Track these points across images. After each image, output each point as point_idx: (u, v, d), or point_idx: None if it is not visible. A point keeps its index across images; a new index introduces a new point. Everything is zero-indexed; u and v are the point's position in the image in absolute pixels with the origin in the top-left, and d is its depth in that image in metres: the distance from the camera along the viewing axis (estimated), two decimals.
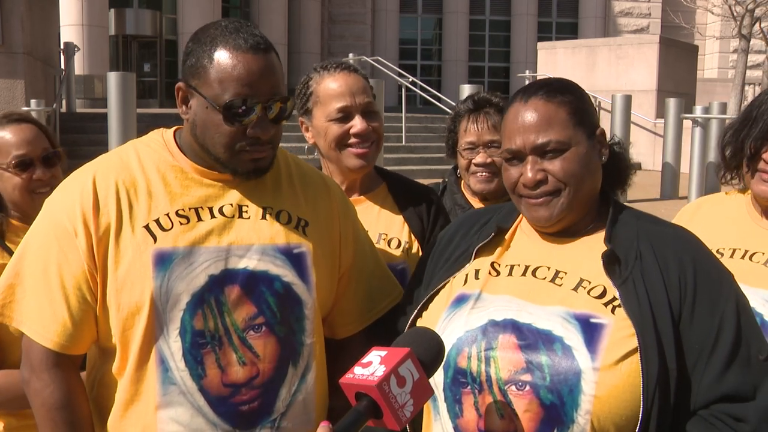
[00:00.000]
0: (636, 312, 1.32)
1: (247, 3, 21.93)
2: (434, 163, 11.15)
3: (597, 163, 1.47)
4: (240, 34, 1.43)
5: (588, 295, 1.37)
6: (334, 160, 1.95)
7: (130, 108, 8.47)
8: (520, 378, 1.32)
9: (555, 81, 1.50)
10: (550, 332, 1.34)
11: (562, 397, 1.29)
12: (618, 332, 1.31)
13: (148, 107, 16.80)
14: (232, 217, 1.50)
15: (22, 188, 2.04)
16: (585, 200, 1.46)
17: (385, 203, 2.00)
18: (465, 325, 1.41)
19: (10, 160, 2.04)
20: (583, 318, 1.34)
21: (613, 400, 1.28)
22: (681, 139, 11.10)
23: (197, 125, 1.47)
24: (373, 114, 1.93)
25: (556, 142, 1.41)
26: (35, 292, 1.47)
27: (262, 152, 1.48)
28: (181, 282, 1.43)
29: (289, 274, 1.50)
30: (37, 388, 1.47)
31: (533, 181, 1.42)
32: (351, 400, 1.17)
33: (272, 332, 1.48)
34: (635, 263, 1.38)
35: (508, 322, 1.38)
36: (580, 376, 1.29)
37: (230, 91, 1.41)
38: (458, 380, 1.37)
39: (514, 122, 1.45)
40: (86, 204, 1.45)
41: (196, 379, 1.44)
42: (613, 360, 1.29)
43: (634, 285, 1.35)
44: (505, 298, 1.42)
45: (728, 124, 1.95)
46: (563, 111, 1.43)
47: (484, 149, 2.30)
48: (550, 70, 14.79)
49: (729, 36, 20.55)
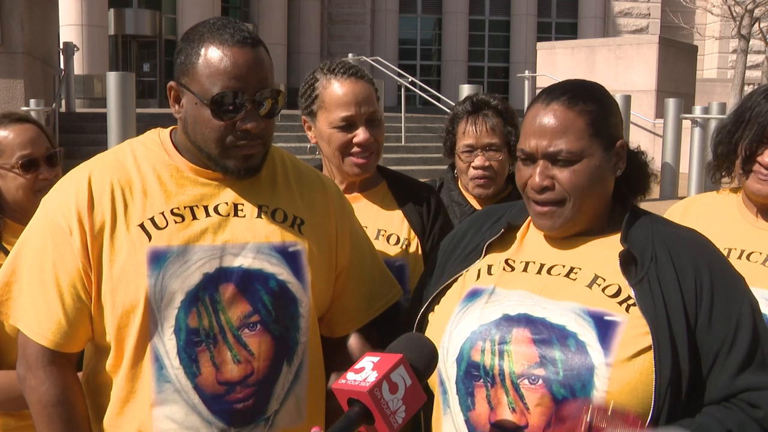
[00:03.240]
0: (651, 311, 1.33)
1: (246, 3, 21.93)
2: (434, 163, 11.14)
3: (609, 175, 1.46)
4: (227, 30, 1.45)
5: (603, 293, 1.38)
6: (335, 164, 1.96)
7: (130, 108, 8.48)
8: (533, 372, 1.33)
9: (581, 86, 1.48)
10: (564, 327, 1.35)
11: (574, 392, 1.30)
12: (632, 330, 1.32)
13: (147, 107, 16.79)
14: (228, 216, 1.50)
15: (27, 188, 2.04)
16: (591, 211, 1.46)
17: (384, 200, 2.01)
18: (479, 318, 1.42)
19: (15, 161, 2.03)
20: (597, 315, 1.35)
21: (624, 396, 1.28)
22: (680, 139, 11.10)
23: (188, 122, 1.48)
24: (377, 122, 1.94)
25: (567, 152, 1.41)
26: (31, 290, 1.47)
27: (252, 147, 1.48)
28: (175, 280, 1.43)
29: (284, 273, 1.51)
30: (33, 385, 1.48)
31: (539, 186, 1.43)
32: (343, 406, 1.17)
33: (267, 330, 1.48)
34: (651, 264, 1.38)
35: (522, 316, 1.39)
36: (593, 372, 1.29)
37: (218, 85, 1.42)
38: (471, 373, 1.38)
39: (531, 123, 1.45)
40: (81, 202, 1.45)
41: (191, 377, 1.44)
42: (627, 356, 1.30)
43: (650, 285, 1.36)
44: (520, 293, 1.43)
45: (720, 124, 1.94)
46: (582, 120, 1.42)
47: (482, 152, 2.30)
48: (549, 70, 14.78)
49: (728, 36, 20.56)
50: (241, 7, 21.95)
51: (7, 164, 2.04)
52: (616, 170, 1.46)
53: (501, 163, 2.32)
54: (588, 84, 1.51)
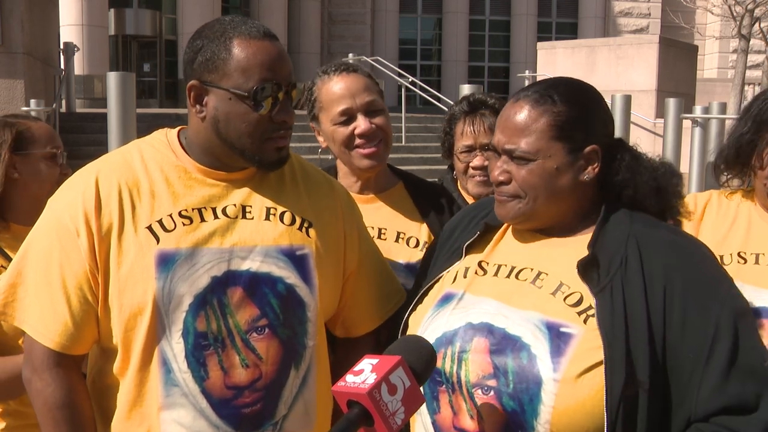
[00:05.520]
0: (608, 323, 1.27)
1: (246, 3, 21.92)
2: (434, 163, 11.13)
3: (571, 180, 1.40)
4: (248, 24, 1.46)
5: (564, 303, 1.34)
6: (346, 162, 1.95)
7: (130, 108, 8.42)
8: (486, 383, 1.32)
9: (561, 85, 1.44)
10: (520, 338, 1.32)
11: (522, 405, 1.29)
12: (586, 343, 1.28)
13: (147, 107, 16.79)
14: (236, 218, 1.50)
15: (53, 180, 2.04)
16: (552, 211, 1.42)
17: (402, 202, 1.99)
18: (445, 325, 1.42)
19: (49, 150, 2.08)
20: (554, 326, 1.32)
21: (572, 413, 1.25)
22: (681, 139, 11.07)
23: (220, 120, 1.46)
24: (377, 111, 1.92)
25: (522, 151, 1.39)
26: (37, 292, 1.46)
27: (285, 139, 1.50)
28: (183, 283, 1.42)
29: (292, 276, 1.50)
30: (38, 387, 1.47)
31: (495, 180, 1.44)
32: (343, 408, 1.17)
33: (275, 334, 1.47)
34: (618, 270, 1.32)
35: (484, 325, 1.38)
36: (541, 387, 1.27)
37: (255, 78, 1.43)
38: (435, 379, 1.38)
39: (500, 117, 1.45)
40: (88, 204, 1.44)
41: (199, 381, 1.43)
42: (576, 373, 1.26)
43: (611, 294, 1.30)
44: (486, 301, 1.41)
45: (734, 126, 1.90)
46: (544, 121, 1.39)
47: (481, 152, 2.29)
48: (549, 70, 14.77)
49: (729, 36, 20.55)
50: (241, 7, 21.93)
51: (39, 152, 2.06)
52: (585, 175, 1.41)
53: None
54: (572, 83, 1.46)
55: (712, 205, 1.91)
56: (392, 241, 1.90)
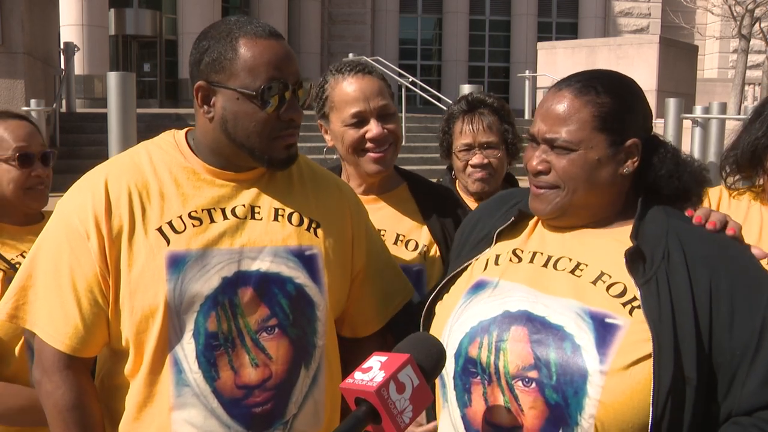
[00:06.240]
0: (655, 315, 1.25)
1: (246, 3, 21.92)
2: (434, 163, 11.13)
3: (611, 173, 1.39)
4: (254, 24, 1.47)
5: (606, 293, 1.31)
6: (352, 164, 1.93)
7: (130, 108, 8.44)
8: (526, 374, 1.29)
9: (603, 77, 1.42)
10: (562, 328, 1.29)
11: (566, 399, 1.26)
12: (633, 335, 1.25)
13: (148, 107, 16.78)
14: (245, 219, 1.50)
15: (19, 183, 1.99)
16: (589, 203, 1.40)
17: (405, 204, 1.97)
18: (480, 313, 1.39)
19: (11, 153, 1.99)
20: (598, 317, 1.29)
21: (618, 406, 1.23)
22: (681, 139, 11.08)
23: (228, 120, 1.47)
24: (389, 116, 1.90)
25: (564, 140, 1.37)
26: (47, 295, 1.47)
27: (293, 137, 1.50)
28: (195, 284, 1.43)
29: (301, 276, 1.50)
30: (48, 389, 1.47)
31: (534, 169, 1.41)
32: (351, 405, 1.17)
33: (285, 334, 1.48)
34: (661, 263, 1.30)
35: (522, 313, 1.34)
36: (587, 379, 1.24)
37: (262, 77, 1.43)
38: (468, 369, 1.36)
39: (541, 106, 1.43)
40: (98, 206, 1.44)
41: (210, 381, 1.44)
42: (624, 364, 1.23)
43: (657, 286, 1.28)
44: (523, 288, 1.38)
45: (744, 128, 1.90)
46: (587, 111, 1.37)
47: (480, 150, 2.29)
48: (550, 70, 14.79)
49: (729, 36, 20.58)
50: (241, 7, 21.94)
51: (2, 156, 2.00)
52: (624, 168, 1.39)
53: (499, 161, 2.31)
54: (614, 76, 1.44)
55: (724, 203, 1.92)
56: (391, 243, 1.88)
